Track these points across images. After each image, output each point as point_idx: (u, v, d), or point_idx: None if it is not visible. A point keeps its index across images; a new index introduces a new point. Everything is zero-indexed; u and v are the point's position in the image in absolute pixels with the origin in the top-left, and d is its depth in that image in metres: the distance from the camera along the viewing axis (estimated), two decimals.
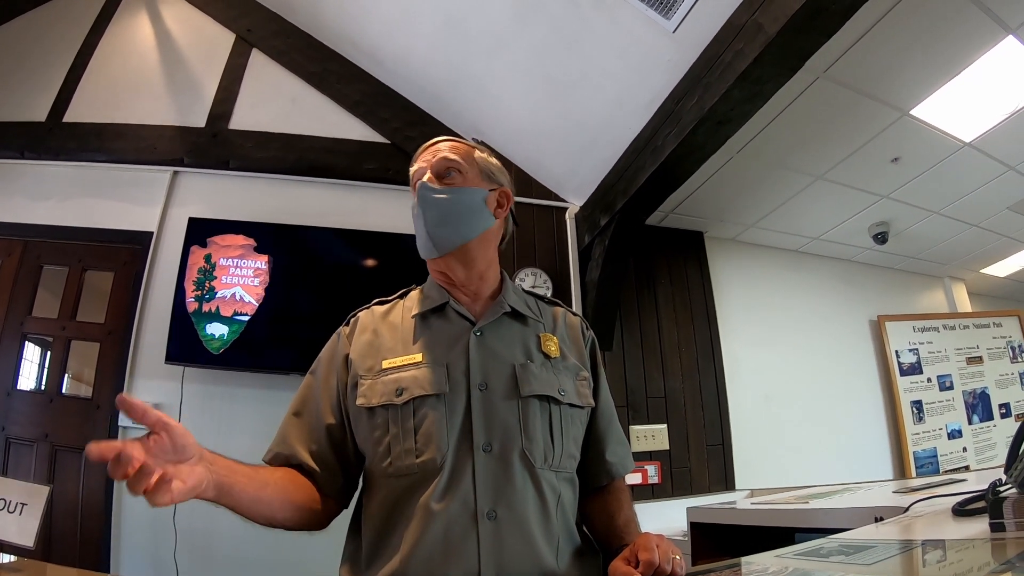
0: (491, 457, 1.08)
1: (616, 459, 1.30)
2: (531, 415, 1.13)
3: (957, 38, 2.54)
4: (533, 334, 1.26)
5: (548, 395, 1.16)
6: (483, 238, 1.27)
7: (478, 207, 1.26)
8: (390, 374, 1.16)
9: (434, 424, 1.09)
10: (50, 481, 2.89)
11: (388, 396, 1.13)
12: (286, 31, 3.89)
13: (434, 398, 1.11)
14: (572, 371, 1.25)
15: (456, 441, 1.09)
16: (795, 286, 4.43)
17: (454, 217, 1.23)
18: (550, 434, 1.14)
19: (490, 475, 1.07)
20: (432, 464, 1.06)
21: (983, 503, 0.93)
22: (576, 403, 1.21)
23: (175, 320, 3.04)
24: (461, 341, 1.19)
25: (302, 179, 3.60)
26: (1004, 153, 3.39)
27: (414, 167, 1.31)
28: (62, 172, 3.47)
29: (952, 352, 4.75)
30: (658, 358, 3.63)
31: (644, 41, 2.57)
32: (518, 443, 1.10)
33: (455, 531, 1.02)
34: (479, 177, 1.29)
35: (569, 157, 3.47)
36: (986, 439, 4.57)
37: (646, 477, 3.32)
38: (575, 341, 1.33)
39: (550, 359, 1.23)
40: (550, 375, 1.19)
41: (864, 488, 2.06)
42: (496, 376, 1.15)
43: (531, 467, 1.09)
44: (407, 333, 1.24)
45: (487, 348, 1.19)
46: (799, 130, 3.07)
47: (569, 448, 1.18)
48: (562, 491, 1.14)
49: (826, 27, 1.99)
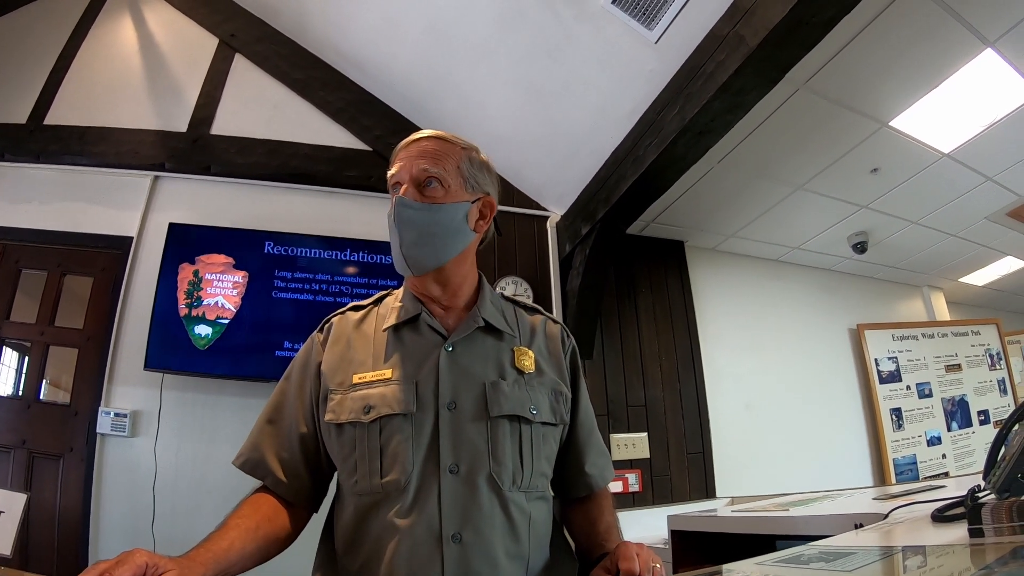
0: (458, 479, 1.06)
1: (596, 471, 1.28)
2: (500, 436, 1.10)
3: (936, 51, 2.57)
4: (507, 348, 1.23)
5: (519, 415, 1.13)
6: (461, 256, 1.23)
7: (458, 225, 1.20)
8: (359, 390, 1.13)
9: (400, 444, 1.07)
10: (27, 488, 2.85)
11: (356, 413, 1.11)
12: (270, 37, 3.87)
13: (401, 417, 1.09)
14: (548, 387, 1.22)
15: (422, 462, 1.07)
16: (775, 295, 4.46)
17: (431, 238, 1.17)
18: (519, 455, 1.12)
19: (457, 497, 1.04)
20: (396, 485, 1.05)
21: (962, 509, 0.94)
22: (549, 421, 1.18)
23: (155, 326, 3.01)
24: (432, 357, 1.16)
25: (284, 186, 3.59)
26: (982, 164, 3.44)
27: (393, 170, 1.22)
28: (43, 175, 3.42)
29: (931, 360, 4.81)
30: (639, 367, 3.64)
31: (626, 51, 2.59)
32: (486, 465, 1.08)
33: (420, 554, 1.01)
34: (462, 188, 1.21)
35: (551, 166, 3.48)
36: (965, 446, 4.62)
37: (627, 485, 3.32)
38: (554, 352, 1.29)
39: (524, 375, 1.19)
40: (522, 392, 1.16)
41: (844, 495, 2.07)
42: (465, 395, 1.13)
43: (499, 490, 1.07)
44: (379, 347, 1.20)
45: (458, 365, 1.16)
46: (780, 141, 3.09)
47: (540, 467, 1.15)
48: (532, 512, 1.12)
49: (807, 39, 2.01)
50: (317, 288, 3.25)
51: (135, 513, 2.90)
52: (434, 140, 1.23)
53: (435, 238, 1.17)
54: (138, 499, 2.91)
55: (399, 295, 1.29)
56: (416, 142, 1.23)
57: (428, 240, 1.17)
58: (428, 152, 1.20)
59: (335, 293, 3.26)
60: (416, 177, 1.18)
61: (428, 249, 1.17)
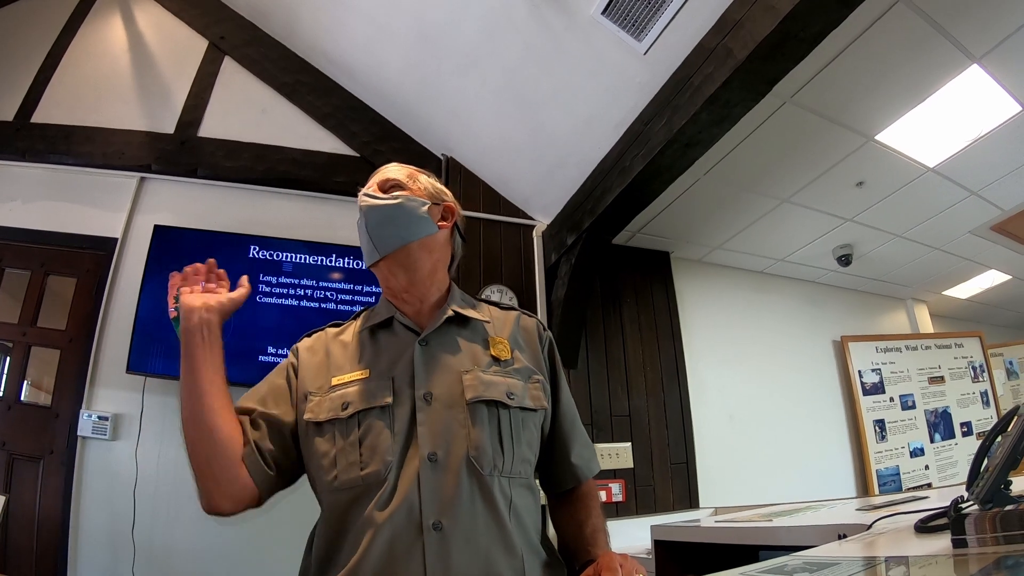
0: (436, 466, 1.07)
1: (581, 461, 1.29)
2: (478, 421, 1.12)
3: (923, 66, 2.60)
4: (481, 338, 1.26)
5: (495, 400, 1.15)
6: (424, 244, 1.26)
7: (419, 214, 1.26)
8: (337, 390, 1.17)
9: (379, 436, 1.09)
10: (6, 491, 2.82)
11: (334, 411, 1.13)
12: (259, 40, 3.87)
13: (378, 410, 1.12)
14: (524, 374, 1.23)
15: (400, 452, 1.08)
16: (760, 307, 4.48)
17: (395, 220, 1.24)
18: (499, 439, 1.13)
19: (435, 485, 1.05)
20: (376, 476, 1.06)
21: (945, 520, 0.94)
22: (528, 406, 1.19)
23: (139, 329, 2.99)
24: (407, 352, 1.20)
25: (270, 190, 3.58)
26: (966, 178, 3.48)
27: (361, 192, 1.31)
28: (28, 173, 3.40)
29: (914, 372, 4.84)
30: (623, 377, 3.63)
31: (615, 62, 2.60)
32: (464, 450, 1.08)
33: (400, 543, 1.01)
34: (422, 192, 1.30)
35: (537, 175, 3.48)
36: (948, 457, 4.65)
37: (610, 495, 3.32)
38: (530, 343, 1.32)
39: (499, 362, 1.22)
40: (498, 379, 1.18)
41: (828, 506, 2.07)
42: (441, 384, 1.15)
43: (479, 475, 1.07)
44: (355, 350, 1.25)
45: (432, 357, 1.19)
46: (766, 153, 3.11)
47: (522, 453, 1.16)
48: (515, 497, 1.11)
49: (794, 53, 2.03)
50: (302, 293, 3.24)
51: (115, 517, 2.87)
52: (395, 164, 1.36)
53: (397, 219, 1.24)
54: (118, 503, 2.88)
55: (375, 307, 1.34)
56: (379, 170, 1.35)
57: (390, 221, 1.24)
58: (391, 170, 1.33)
59: (320, 299, 3.25)
60: (381, 184, 1.29)
61: (391, 228, 1.24)
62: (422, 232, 1.26)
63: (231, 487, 1.12)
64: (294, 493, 1.24)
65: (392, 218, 1.24)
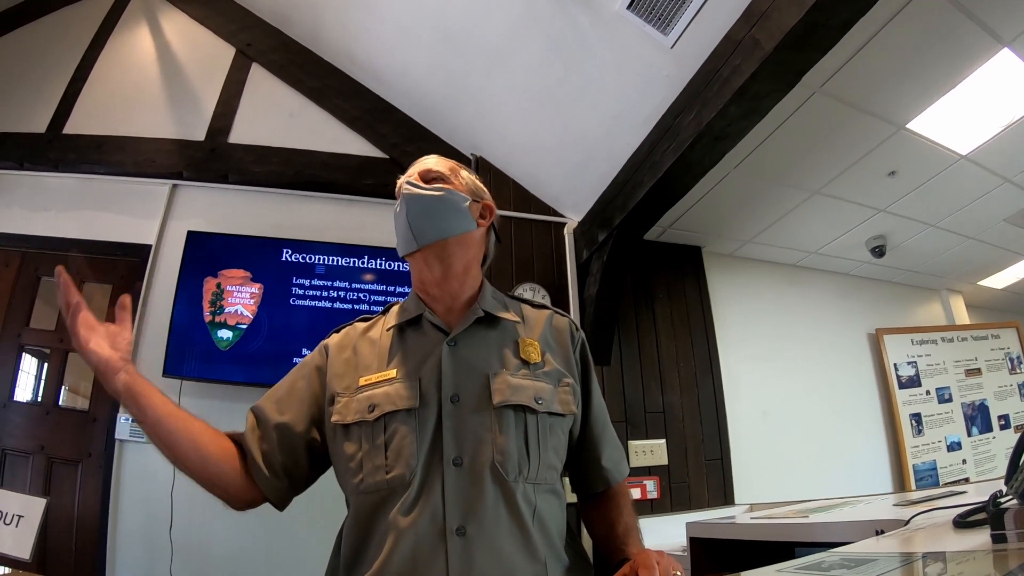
0: (461, 471, 1.06)
1: (612, 464, 1.28)
2: (504, 426, 1.10)
3: (952, 52, 2.55)
4: (511, 340, 1.24)
5: (523, 404, 1.13)
6: (462, 240, 1.26)
7: (461, 208, 1.25)
8: (364, 391, 1.16)
9: (404, 439, 1.08)
10: (46, 493, 2.87)
11: (361, 413, 1.13)
12: (286, 46, 3.92)
13: (404, 413, 1.11)
14: (554, 377, 1.22)
15: (426, 456, 1.07)
16: (793, 300, 4.43)
17: (436, 212, 1.23)
18: (525, 445, 1.11)
19: (459, 490, 1.05)
20: (401, 480, 1.06)
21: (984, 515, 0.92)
22: (556, 411, 1.18)
23: (174, 333, 3.04)
24: (434, 353, 1.18)
25: (301, 193, 3.61)
26: (1000, 165, 3.40)
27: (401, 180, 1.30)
28: (61, 184, 3.48)
29: (951, 364, 4.75)
30: (656, 373, 3.61)
31: (642, 56, 2.58)
32: (489, 456, 1.08)
33: (423, 548, 1.01)
34: (464, 188, 1.29)
35: (567, 173, 3.47)
36: (985, 451, 4.56)
37: (645, 492, 3.30)
38: (561, 344, 1.30)
39: (529, 365, 1.20)
40: (527, 382, 1.17)
41: (864, 501, 2.05)
42: (468, 387, 1.14)
43: (503, 481, 1.07)
44: (383, 349, 1.24)
45: (460, 358, 1.18)
46: (796, 145, 3.07)
47: (548, 459, 1.14)
48: (539, 504, 1.10)
49: (822, 43, 2.00)
50: (335, 296, 3.27)
51: (152, 518, 2.92)
52: (436, 156, 1.35)
53: (439, 211, 1.24)
54: (156, 505, 2.93)
55: (404, 302, 1.33)
56: (424, 158, 1.34)
57: (431, 212, 1.23)
58: (431, 161, 1.32)
59: (353, 300, 3.29)
60: (423, 175, 1.28)
61: (433, 220, 1.23)
62: (462, 228, 1.25)
63: (244, 494, 1.17)
64: (331, 493, 1.24)
65: (434, 210, 1.23)
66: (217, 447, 1.15)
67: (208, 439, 1.15)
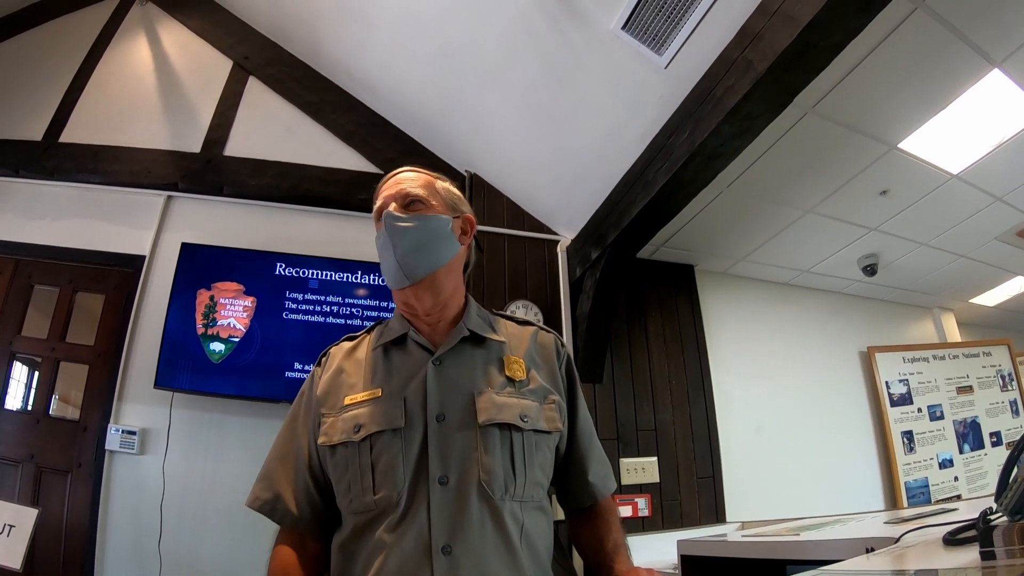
0: (447, 490, 1.06)
1: (598, 479, 1.28)
2: (490, 445, 1.10)
3: (944, 72, 2.57)
4: (496, 357, 1.24)
5: (508, 423, 1.13)
6: (450, 265, 1.26)
7: (446, 234, 1.24)
8: (349, 411, 1.16)
9: (391, 460, 1.08)
10: (35, 503, 2.86)
11: (347, 434, 1.13)
12: (283, 59, 3.94)
13: (390, 433, 1.10)
14: (539, 394, 1.21)
15: (412, 475, 1.07)
16: (785, 319, 4.44)
17: (423, 244, 1.21)
18: (511, 463, 1.11)
19: (445, 508, 1.04)
20: (389, 500, 1.06)
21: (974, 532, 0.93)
22: (542, 428, 1.18)
23: (166, 344, 3.04)
24: (420, 372, 1.18)
25: (296, 207, 3.62)
26: (991, 184, 3.43)
27: (378, 202, 1.27)
28: (57, 192, 3.47)
29: (942, 382, 4.76)
30: (648, 391, 3.61)
31: (636, 76, 2.60)
32: (475, 474, 1.07)
33: (409, 567, 1.01)
34: (443, 206, 1.27)
35: (561, 190, 3.48)
36: (977, 468, 4.56)
37: (636, 510, 3.29)
38: (547, 361, 1.30)
39: (514, 382, 1.20)
40: (512, 400, 1.17)
41: (855, 519, 2.05)
42: (454, 406, 1.13)
43: (489, 499, 1.06)
44: (368, 368, 1.23)
45: (445, 377, 1.17)
46: (788, 164, 3.09)
47: (535, 476, 1.14)
48: (526, 521, 1.10)
49: (814, 64, 2.01)
50: (328, 310, 3.26)
51: (142, 531, 2.90)
52: (410, 171, 1.32)
53: (427, 244, 1.22)
54: (145, 517, 2.91)
55: (388, 321, 1.33)
56: (394, 176, 1.32)
57: (421, 247, 1.21)
58: (406, 180, 1.29)
59: (345, 315, 3.28)
60: (400, 199, 1.25)
61: (422, 255, 1.21)
62: (449, 254, 1.25)
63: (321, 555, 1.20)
64: None
65: (421, 243, 1.21)
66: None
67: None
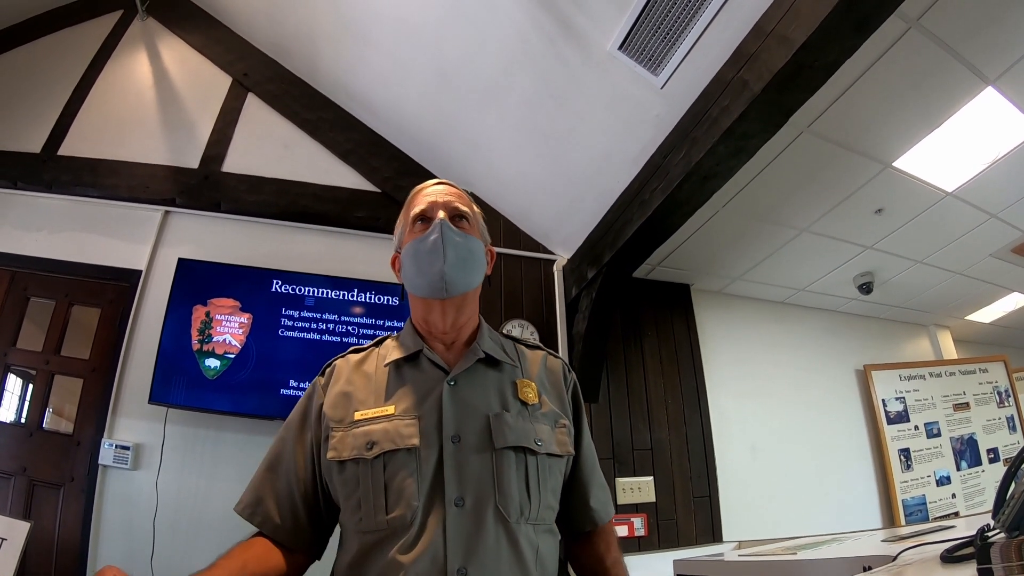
0: (463, 512, 1.04)
1: (599, 505, 1.29)
2: (505, 468, 1.09)
3: (938, 91, 2.60)
4: (509, 380, 1.23)
5: (524, 446, 1.12)
6: (477, 289, 1.28)
7: (483, 258, 1.27)
8: (361, 426, 1.13)
9: (405, 480, 1.07)
10: (27, 516, 2.83)
11: (359, 450, 1.10)
12: (282, 77, 3.95)
13: (405, 452, 1.08)
14: (551, 418, 1.21)
15: (427, 496, 1.06)
16: (781, 337, 4.46)
17: (469, 263, 1.22)
18: (526, 487, 1.11)
19: (461, 531, 1.03)
20: (402, 521, 1.04)
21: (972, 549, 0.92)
22: (554, 452, 1.18)
23: (161, 360, 3.02)
24: (434, 392, 1.16)
25: (293, 225, 3.62)
26: (986, 201, 3.45)
27: (422, 205, 1.26)
28: (54, 205, 3.46)
29: (939, 399, 4.76)
30: (644, 410, 3.61)
31: (632, 96, 2.62)
32: (491, 498, 1.06)
33: None
34: (478, 230, 1.29)
35: (557, 210, 3.50)
36: (975, 484, 4.55)
37: (632, 529, 3.28)
38: (555, 385, 1.30)
39: (527, 406, 1.19)
40: (526, 424, 1.16)
41: (852, 537, 2.05)
42: (469, 428, 1.12)
43: (505, 522, 1.06)
44: (380, 383, 1.21)
45: (460, 399, 1.16)
46: (784, 184, 3.11)
47: (547, 499, 1.14)
48: (540, 544, 1.10)
49: (809, 83, 2.03)
50: (324, 328, 3.25)
51: (134, 546, 2.87)
52: (454, 187, 1.32)
53: (470, 263, 1.23)
54: (138, 532, 2.89)
55: (399, 336, 1.31)
56: (440, 184, 1.32)
57: (466, 264, 1.22)
58: (454, 194, 1.29)
59: (341, 333, 3.27)
60: (451, 212, 1.25)
61: (465, 272, 1.22)
62: (480, 279, 1.27)
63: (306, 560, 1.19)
64: None
65: (468, 261, 1.23)
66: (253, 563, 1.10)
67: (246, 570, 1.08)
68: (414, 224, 1.26)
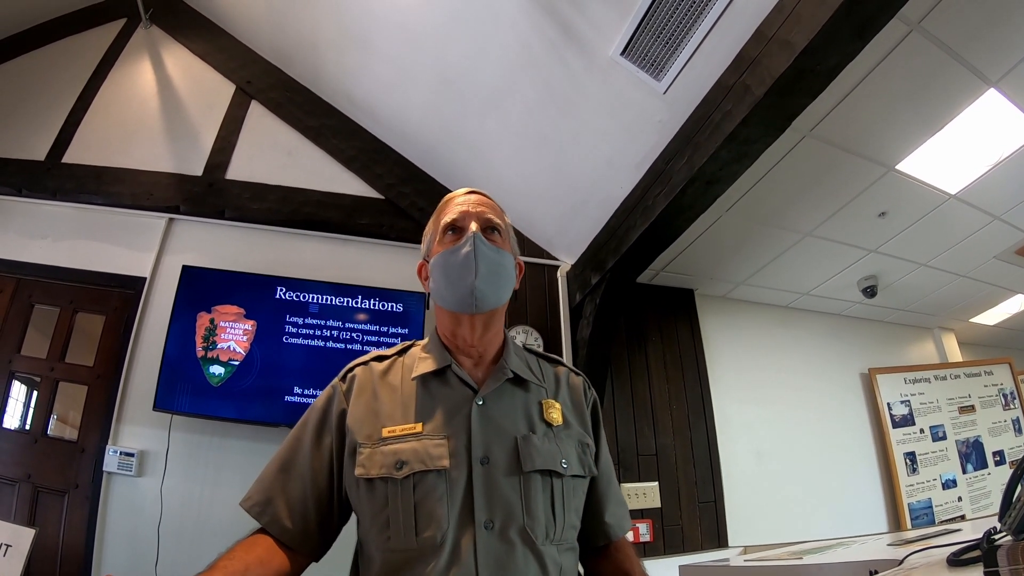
0: (492, 534, 1.05)
1: (614, 520, 1.28)
2: (533, 491, 1.09)
3: (940, 93, 2.60)
4: (535, 401, 1.22)
5: (551, 469, 1.12)
6: (506, 305, 1.27)
7: (513, 273, 1.25)
8: (390, 444, 1.11)
9: (436, 502, 1.06)
10: (31, 523, 2.84)
11: (387, 468, 1.08)
12: (285, 84, 3.96)
13: (435, 474, 1.07)
14: (575, 439, 1.21)
15: (457, 518, 1.05)
16: (785, 342, 4.45)
17: (500, 278, 1.20)
18: (551, 509, 1.11)
19: (492, 553, 1.03)
20: (432, 542, 1.03)
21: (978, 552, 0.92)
22: (579, 473, 1.18)
23: (166, 367, 3.03)
24: (462, 411, 1.15)
25: (296, 232, 3.62)
26: (989, 203, 3.45)
27: (453, 215, 1.24)
28: (58, 212, 3.47)
29: (944, 402, 4.75)
30: (649, 415, 3.60)
31: (635, 102, 2.62)
32: (520, 520, 1.07)
33: None
34: (509, 244, 1.26)
35: (561, 216, 3.50)
36: (981, 487, 4.54)
37: (637, 535, 3.27)
38: (577, 404, 1.30)
39: (552, 427, 1.19)
40: (552, 446, 1.15)
41: (858, 542, 2.04)
42: (498, 449, 1.12)
43: (532, 544, 1.06)
44: (407, 398, 1.19)
45: (489, 419, 1.15)
46: (787, 188, 3.11)
47: (571, 520, 1.15)
48: (563, 563, 1.11)
49: (811, 88, 2.03)
50: (328, 335, 3.25)
51: (138, 553, 2.87)
52: (486, 196, 1.30)
53: (501, 278, 1.21)
54: (142, 539, 2.88)
55: (424, 345, 1.29)
56: (472, 193, 1.29)
57: (499, 279, 1.20)
58: (487, 204, 1.27)
59: (346, 340, 3.27)
60: (483, 223, 1.22)
61: (497, 287, 1.20)
62: (510, 294, 1.25)
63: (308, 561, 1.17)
64: None
65: (500, 276, 1.21)
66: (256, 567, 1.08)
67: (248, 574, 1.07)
68: (444, 233, 1.24)
